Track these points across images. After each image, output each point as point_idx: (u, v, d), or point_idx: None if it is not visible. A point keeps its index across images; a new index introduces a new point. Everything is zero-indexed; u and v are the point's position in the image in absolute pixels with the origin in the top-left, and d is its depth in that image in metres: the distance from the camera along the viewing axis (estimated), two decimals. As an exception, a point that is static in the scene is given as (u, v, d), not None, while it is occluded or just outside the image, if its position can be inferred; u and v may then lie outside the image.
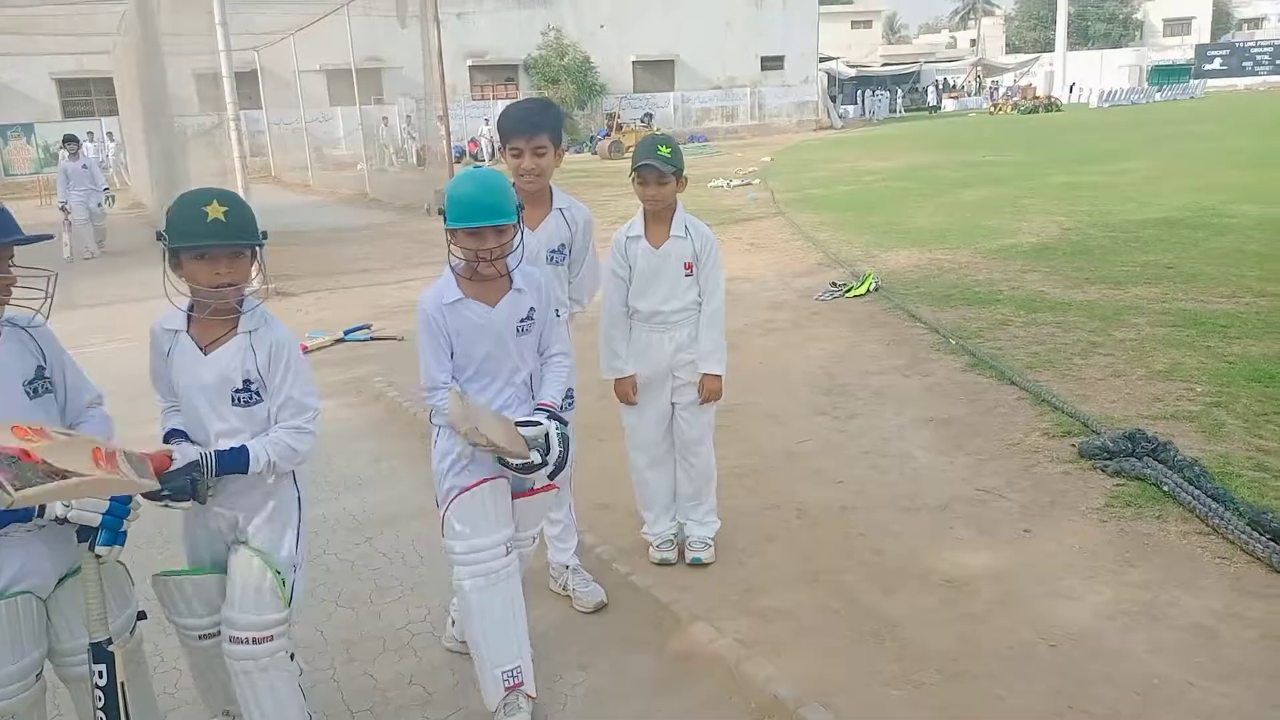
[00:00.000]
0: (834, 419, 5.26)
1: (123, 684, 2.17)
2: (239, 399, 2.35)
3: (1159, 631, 3.05)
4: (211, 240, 2.26)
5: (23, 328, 2.23)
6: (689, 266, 3.52)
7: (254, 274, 2.49)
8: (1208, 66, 58.83)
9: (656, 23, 37.55)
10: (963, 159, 20.83)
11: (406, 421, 5.61)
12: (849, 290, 8.28)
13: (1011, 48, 68.78)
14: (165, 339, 2.41)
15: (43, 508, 2.06)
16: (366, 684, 3.06)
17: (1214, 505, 3.69)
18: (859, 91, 49.10)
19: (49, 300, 2.20)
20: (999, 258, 9.33)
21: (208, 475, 2.27)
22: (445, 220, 2.62)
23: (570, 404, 3.27)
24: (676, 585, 3.47)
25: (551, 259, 3.31)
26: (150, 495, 2.18)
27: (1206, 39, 68.72)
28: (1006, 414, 5.09)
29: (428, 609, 3.50)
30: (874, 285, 8.27)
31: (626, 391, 3.60)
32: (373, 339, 7.86)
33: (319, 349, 7.56)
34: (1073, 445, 4.51)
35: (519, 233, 2.67)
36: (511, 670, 2.72)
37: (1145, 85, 49.89)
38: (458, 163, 29.06)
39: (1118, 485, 4.08)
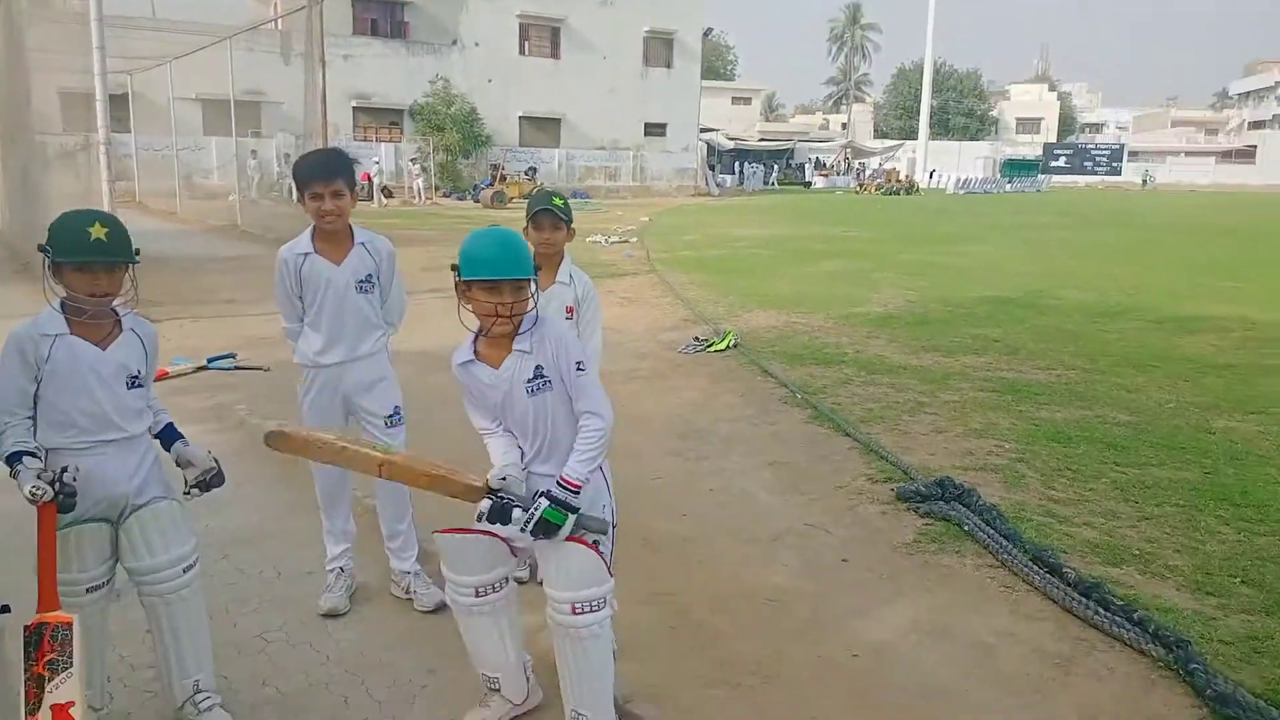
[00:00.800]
0: (685, 459, 5.64)
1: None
2: (132, 383, 2.66)
3: (947, 647, 3.49)
4: (94, 256, 2.56)
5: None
6: (570, 310, 3.85)
7: (126, 287, 2.74)
8: (1053, 163, 63.94)
9: (544, 82, 38.41)
10: (826, 232, 22.07)
11: (265, 448, 5.67)
12: (710, 345, 8.76)
13: (879, 133, 73.05)
14: (42, 344, 2.58)
15: None
16: (220, 684, 3.17)
17: (1004, 543, 4.20)
18: (736, 162, 51.18)
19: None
20: (848, 323, 10.03)
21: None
22: (459, 274, 2.63)
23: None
24: (527, 599, 3.71)
25: (360, 288, 3.62)
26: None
27: (1054, 138, 74.74)
28: (839, 461, 5.58)
29: (284, 620, 3.63)
30: (733, 342, 8.78)
31: None
32: (237, 368, 7.85)
33: (180, 375, 7.50)
34: (892, 489, 5.00)
35: (534, 295, 2.69)
36: (493, 678, 2.97)
37: (998, 176, 53.81)
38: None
39: (926, 524, 4.57)
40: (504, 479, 2.65)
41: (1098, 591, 3.70)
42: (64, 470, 2.53)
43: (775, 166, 54.74)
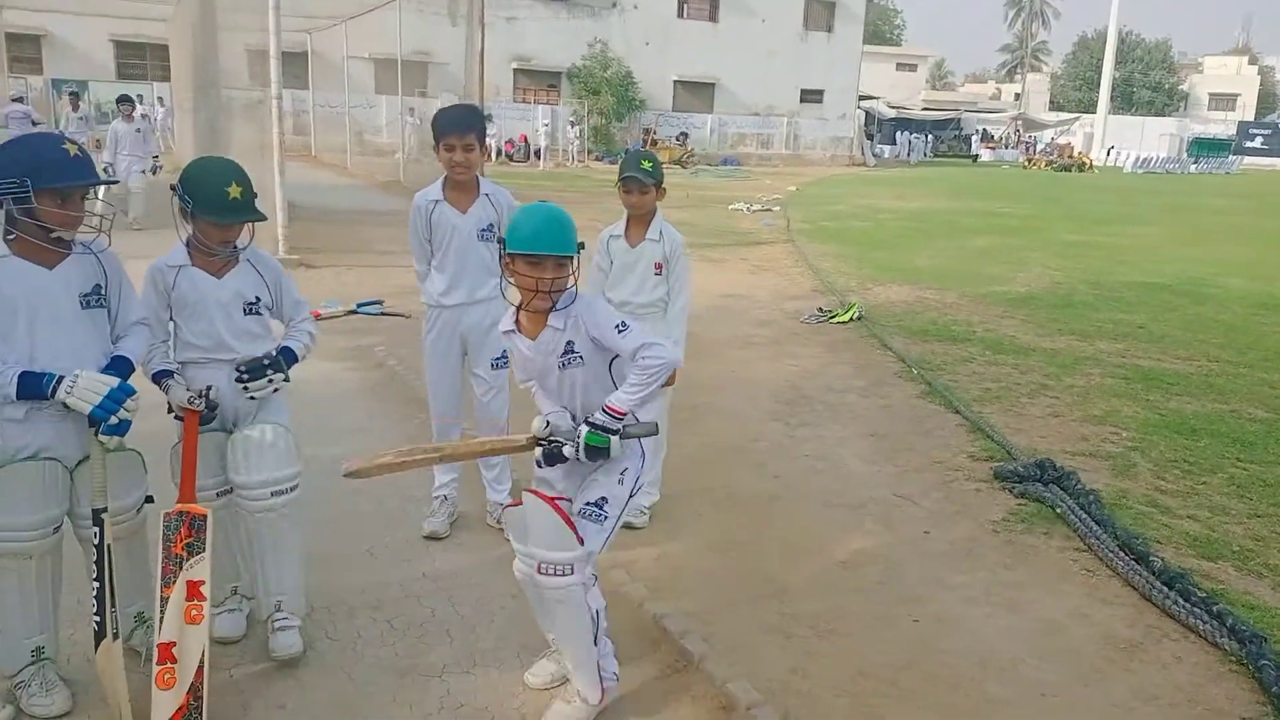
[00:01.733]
0: (787, 424, 5.74)
1: (109, 545, 2.68)
2: (249, 309, 3.01)
3: (1013, 621, 3.52)
4: (232, 218, 2.93)
5: (91, 251, 2.77)
6: (659, 266, 4.06)
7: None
8: (1248, 144, 58.97)
9: (700, 46, 38.21)
10: (982, 208, 21.28)
11: (400, 388, 6.14)
12: (833, 316, 8.76)
13: (1055, 105, 69.18)
14: (169, 274, 2.98)
15: (55, 390, 2.56)
16: (324, 586, 3.55)
17: (1094, 527, 4.15)
18: (896, 132, 49.62)
19: (108, 225, 2.78)
20: (984, 301, 9.78)
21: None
22: (504, 247, 2.69)
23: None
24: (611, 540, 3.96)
25: (482, 236, 3.89)
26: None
27: (1251, 117, 68.85)
28: (942, 436, 5.56)
29: (390, 539, 4.01)
30: (857, 314, 8.74)
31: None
32: (384, 314, 8.40)
33: (331, 318, 8.10)
34: (991, 469, 4.97)
35: (574, 273, 2.74)
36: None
37: (1183, 155, 50.12)
38: (493, 161, 29.78)
39: (1019, 505, 4.54)
40: (547, 424, 2.75)
41: (1180, 582, 3.63)
42: (209, 388, 2.92)
43: (938, 137, 52.82)
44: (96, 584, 2.64)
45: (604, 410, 2.71)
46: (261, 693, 2.94)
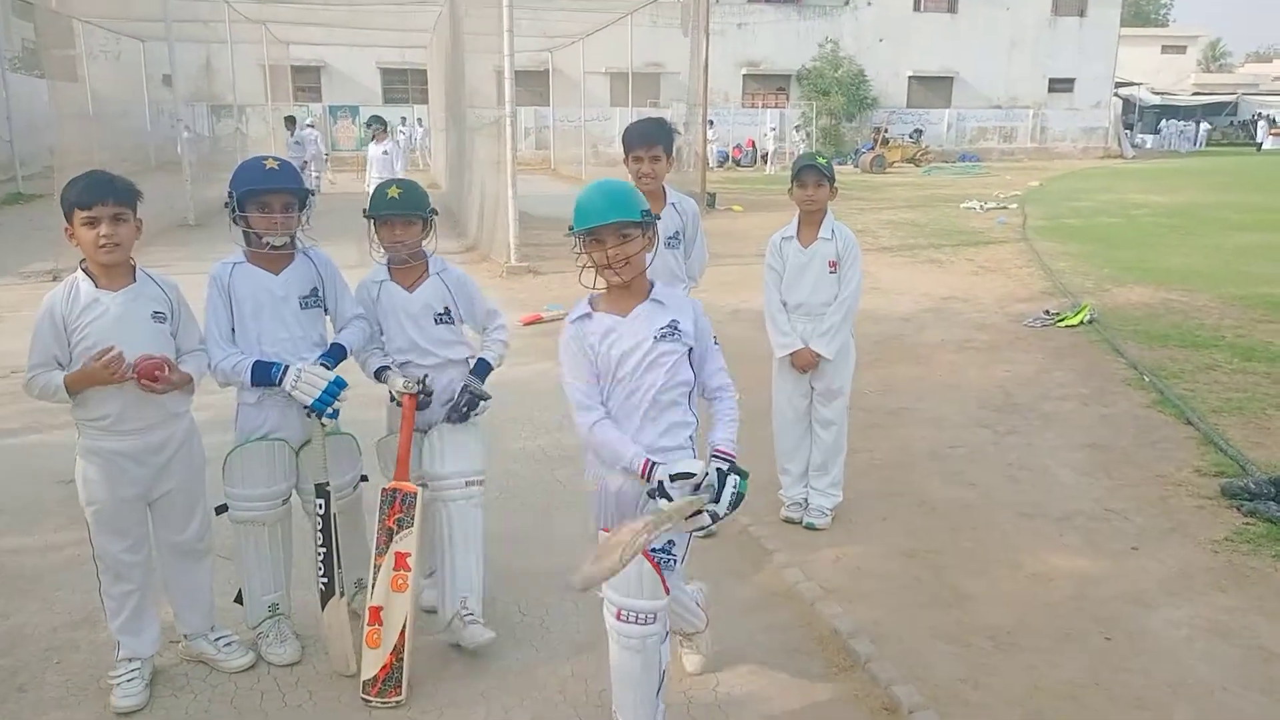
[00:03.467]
0: (993, 432, 5.53)
1: (335, 515, 3.09)
2: (439, 319, 3.32)
3: (1220, 646, 3.26)
4: (388, 210, 3.25)
5: (309, 256, 3.21)
6: (833, 265, 4.10)
7: (427, 237, 3.37)
8: None
9: (938, 38, 36.80)
10: (1253, 201, 19.17)
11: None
12: (1061, 319, 8.27)
13: (1358, 81, 60.78)
14: (371, 288, 3.36)
15: (282, 378, 3.00)
16: (521, 570, 3.85)
17: (1334, 552, 3.74)
18: (1172, 121, 45.49)
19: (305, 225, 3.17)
20: (1239, 304, 8.88)
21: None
22: (571, 229, 2.56)
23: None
24: (785, 538, 4.04)
25: (669, 244, 4.01)
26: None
27: None
28: (1168, 449, 5.16)
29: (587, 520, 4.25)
30: (1089, 317, 8.21)
31: (809, 360, 4.15)
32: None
33: (551, 320, 8.60)
34: (1219, 484, 4.57)
35: (653, 241, 2.58)
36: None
37: None
38: (719, 167, 30.14)
39: (1246, 524, 4.16)
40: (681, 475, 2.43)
41: None
42: (425, 376, 3.28)
43: (1213, 124, 47.87)
44: (324, 549, 3.06)
45: (718, 455, 2.50)
46: (458, 657, 3.26)
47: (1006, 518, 4.34)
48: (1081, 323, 8.15)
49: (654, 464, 2.47)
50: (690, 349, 2.61)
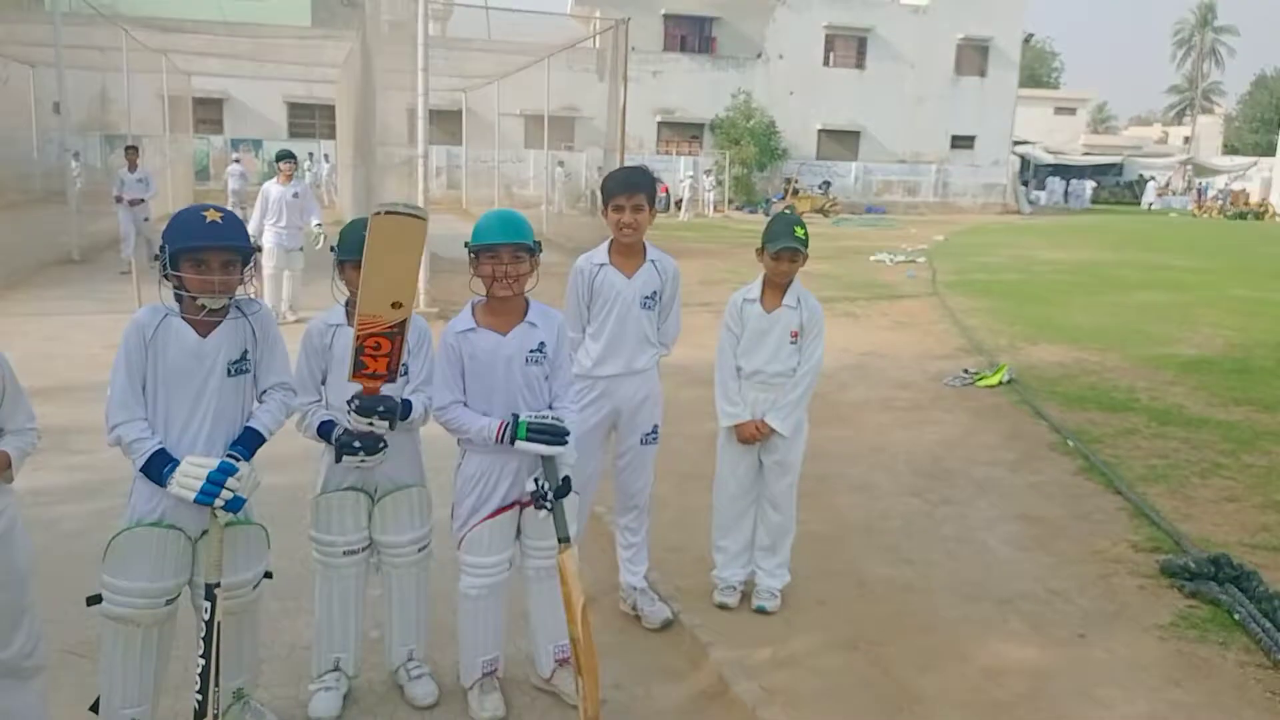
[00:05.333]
0: (925, 501, 5.36)
1: (219, 623, 2.63)
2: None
3: (1184, 752, 3.07)
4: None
5: (244, 314, 2.75)
6: (794, 335, 3.85)
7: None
8: None
9: (847, 93, 37.81)
10: (1147, 259, 19.98)
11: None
12: (980, 379, 8.26)
13: (1229, 149, 64.89)
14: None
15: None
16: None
17: (1279, 637, 3.62)
18: (1054, 178, 47.57)
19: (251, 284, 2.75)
20: (1149, 366, 9.04)
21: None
22: (469, 246, 3.03)
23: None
24: (721, 629, 3.72)
25: (645, 304, 3.71)
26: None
27: None
28: (1102, 521, 5.06)
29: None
30: (1007, 377, 8.21)
31: (752, 433, 3.87)
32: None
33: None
34: (1157, 561, 4.46)
35: (534, 268, 3.06)
36: (491, 659, 3.21)
37: (1380, 201, 45.90)
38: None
39: (1190, 606, 4.03)
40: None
41: (1395, 718, 3.10)
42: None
43: (1100, 183, 50.29)
44: (202, 660, 2.60)
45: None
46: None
47: (949, 601, 4.12)
48: (1000, 383, 8.14)
49: (511, 421, 2.97)
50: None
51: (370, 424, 2.87)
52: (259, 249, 2.78)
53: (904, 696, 3.34)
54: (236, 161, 24.62)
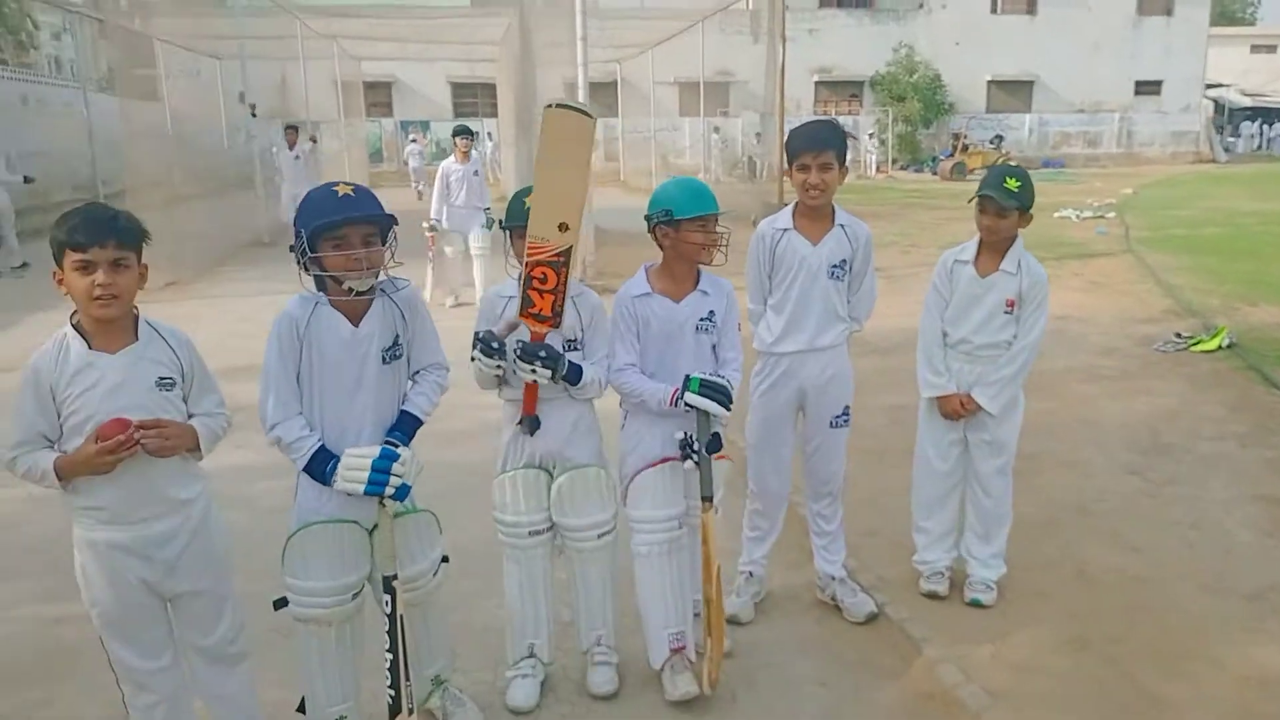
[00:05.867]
0: (1146, 480, 4.84)
1: (401, 615, 2.54)
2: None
3: None
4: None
5: (390, 296, 2.63)
6: (1010, 304, 3.47)
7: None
8: None
9: (1017, 41, 35.54)
10: (1375, 206, 17.85)
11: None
12: (1195, 343, 7.48)
13: None
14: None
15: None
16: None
17: None
18: (1249, 123, 43.41)
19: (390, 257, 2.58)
20: (1397, 325, 7.97)
21: None
22: (670, 215, 2.99)
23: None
24: (932, 622, 3.41)
25: (833, 274, 3.39)
26: None
27: None
28: (1363, 505, 4.42)
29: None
30: (1227, 341, 7.40)
31: (956, 407, 3.54)
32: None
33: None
34: None
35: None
36: (677, 633, 3.06)
37: None
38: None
39: None
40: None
41: None
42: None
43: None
44: (389, 655, 2.52)
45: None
46: None
47: (1188, 594, 3.66)
48: (1219, 347, 7.35)
49: (684, 383, 2.93)
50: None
51: (533, 370, 2.80)
52: (434, 228, 2.64)
53: (1148, 704, 2.96)
54: (414, 142, 25.77)
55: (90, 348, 2.29)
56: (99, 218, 2.27)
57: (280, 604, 2.59)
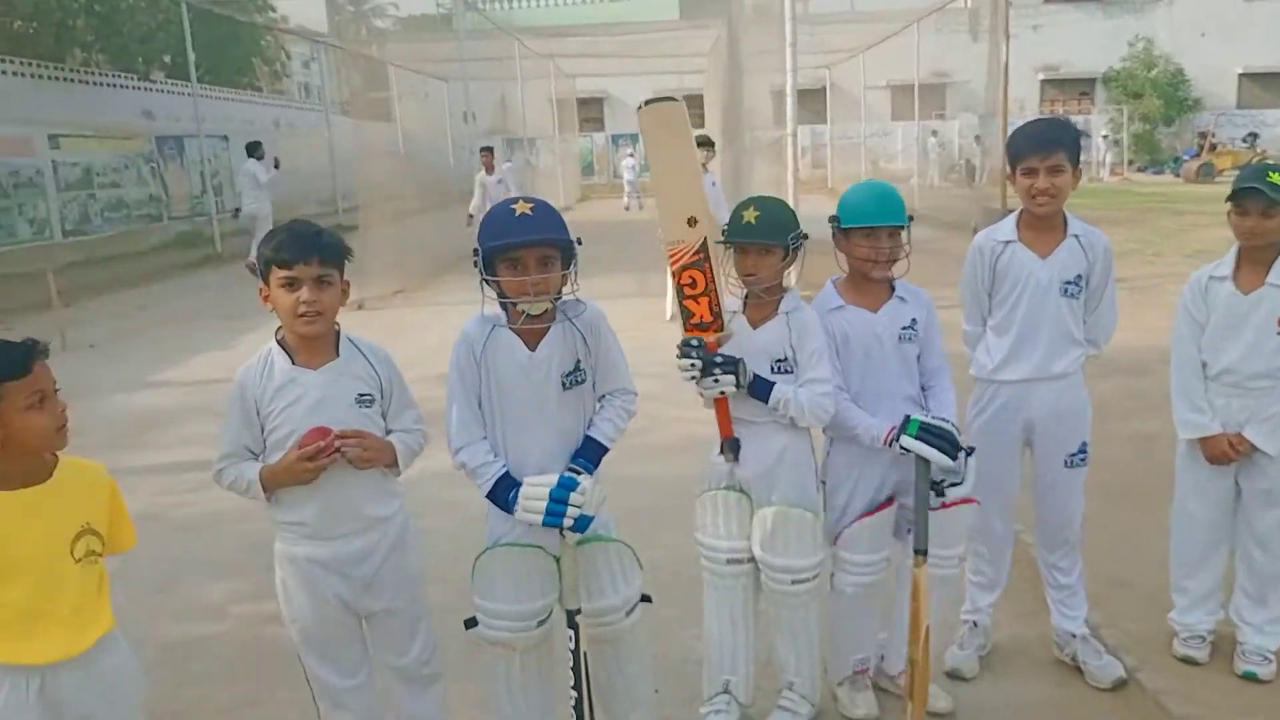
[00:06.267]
0: None
1: (585, 652, 2.41)
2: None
3: None
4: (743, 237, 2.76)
5: (569, 318, 2.48)
6: None
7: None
8: None
9: (1274, 29, 32.00)
10: None
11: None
12: None
13: None
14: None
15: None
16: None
17: None
18: None
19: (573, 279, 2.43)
20: None
21: None
22: (839, 224, 2.84)
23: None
24: (1195, 696, 2.96)
25: (1066, 291, 3.02)
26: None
27: None
28: None
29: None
30: None
31: (1224, 450, 3.07)
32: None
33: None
34: None
35: (906, 244, 2.85)
36: (863, 658, 3.01)
37: None
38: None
39: None
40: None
41: None
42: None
43: None
44: (574, 692, 2.41)
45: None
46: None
47: None
48: None
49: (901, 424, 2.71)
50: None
51: (716, 380, 2.63)
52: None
53: None
54: (630, 155, 26.81)
55: (293, 364, 2.33)
56: (303, 235, 2.29)
57: (470, 623, 2.53)
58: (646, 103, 2.73)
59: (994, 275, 3.11)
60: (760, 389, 2.69)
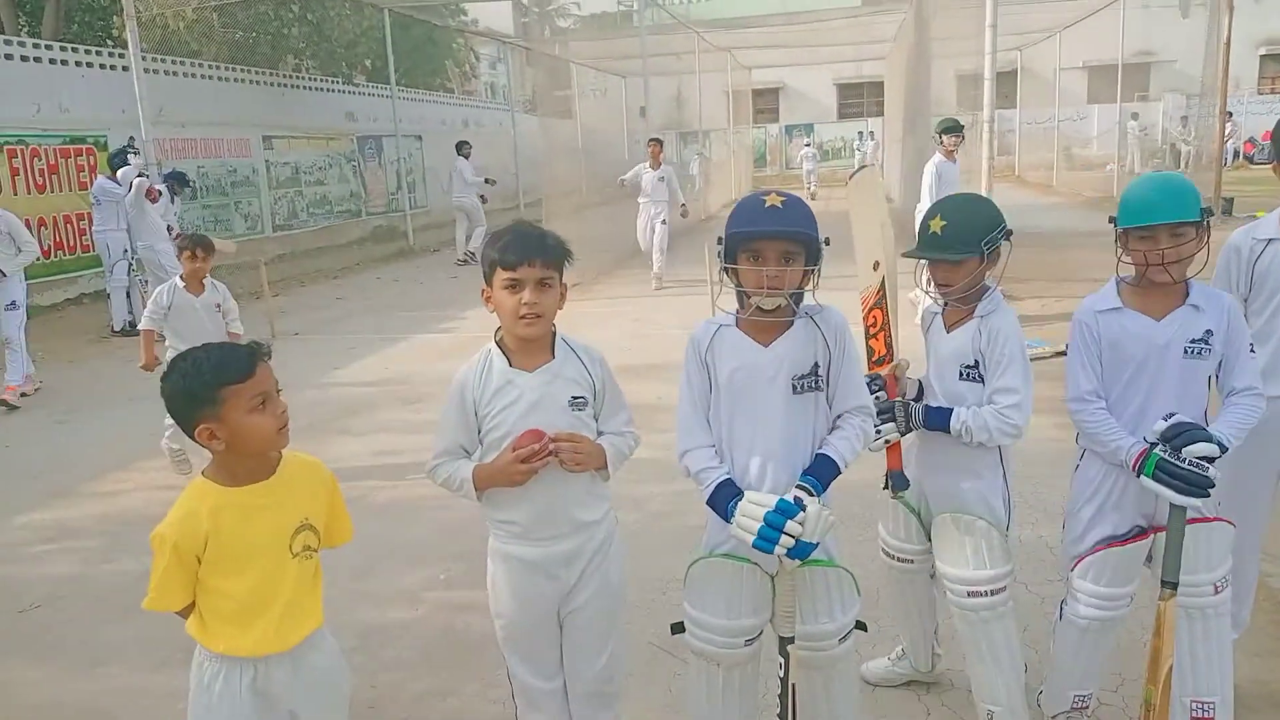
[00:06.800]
0: None
1: (794, 684, 2.30)
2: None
3: None
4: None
5: (809, 316, 2.34)
6: None
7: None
8: None
9: None
10: None
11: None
12: None
13: None
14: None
15: None
16: None
17: None
18: None
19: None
20: None
21: None
22: (1116, 223, 2.55)
23: None
24: None
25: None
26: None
27: None
28: None
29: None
30: None
31: None
32: (1058, 355, 7.36)
33: (1037, 359, 7.33)
34: None
35: (1202, 241, 2.47)
36: (1085, 695, 2.75)
37: None
38: (1232, 168, 25.60)
39: None
40: None
41: None
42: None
43: None
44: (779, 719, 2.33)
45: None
46: None
47: None
48: None
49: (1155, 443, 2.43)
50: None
51: (878, 431, 2.57)
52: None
53: None
54: (808, 145, 26.98)
55: (510, 365, 2.33)
56: (528, 237, 2.29)
57: (678, 629, 2.47)
58: (854, 172, 2.94)
59: (1252, 276, 2.84)
60: (937, 419, 2.58)
